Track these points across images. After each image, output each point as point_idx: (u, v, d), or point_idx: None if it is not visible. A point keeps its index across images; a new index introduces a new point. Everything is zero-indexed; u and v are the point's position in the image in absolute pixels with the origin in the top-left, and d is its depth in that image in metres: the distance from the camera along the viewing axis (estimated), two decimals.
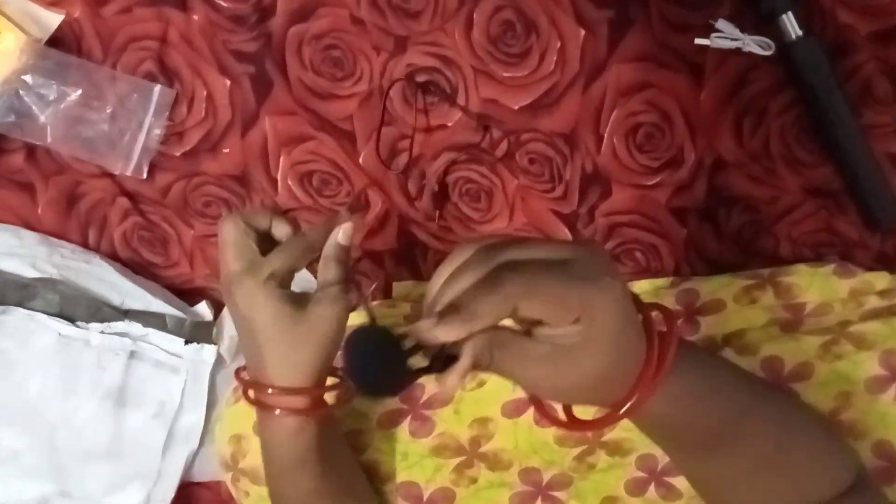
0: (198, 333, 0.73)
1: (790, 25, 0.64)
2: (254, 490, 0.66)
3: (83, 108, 0.69)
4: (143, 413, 0.72)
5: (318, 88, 0.69)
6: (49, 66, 0.68)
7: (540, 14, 0.67)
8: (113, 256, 0.74)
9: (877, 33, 0.66)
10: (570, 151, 0.70)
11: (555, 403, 0.48)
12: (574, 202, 0.71)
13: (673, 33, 0.67)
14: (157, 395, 0.73)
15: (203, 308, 0.74)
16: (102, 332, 0.71)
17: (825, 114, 0.66)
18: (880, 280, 0.67)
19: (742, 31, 0.65)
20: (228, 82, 0.69)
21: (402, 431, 0.66)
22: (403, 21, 0.68)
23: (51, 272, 0.71)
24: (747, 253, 0.71)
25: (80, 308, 0.71)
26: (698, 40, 0.67)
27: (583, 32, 0.67)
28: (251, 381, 0.54)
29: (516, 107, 0.69)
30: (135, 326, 0.72)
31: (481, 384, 0.66)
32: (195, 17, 0.68)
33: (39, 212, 0.73)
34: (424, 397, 0.66)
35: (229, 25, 0.68)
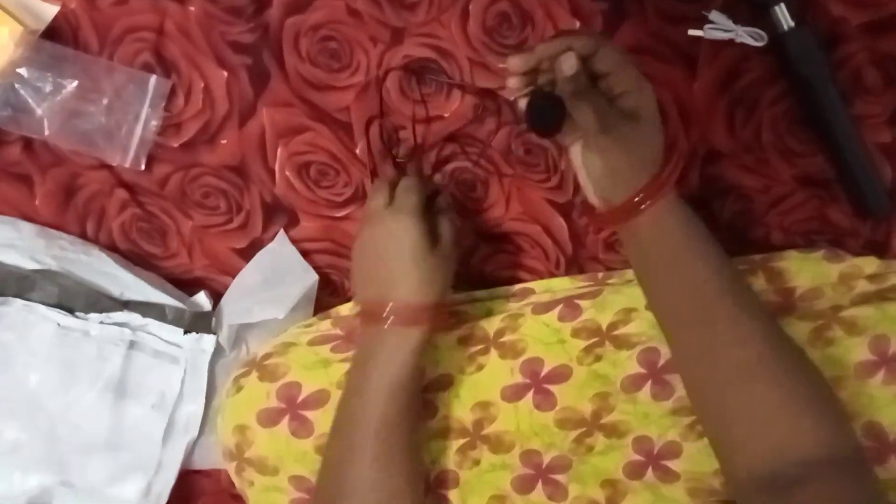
0: (197, 323, 0.73)
1: (783, 16, 0.65)
2: (259, 480, 0.67)
3: (80, 101, 0.69)
4: (143, 403, 0.73)
5: (315, 80, 0.70)
6: (44, 59, 0.67)
7: (535, 6, 0.67)
8: (111, 248, 0.74)
9: (868, 24, 0.67)
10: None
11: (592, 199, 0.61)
12: (569, 192, 0.72)
13: (667, 25, 0.68)
14: (157, 386, 0.73)
15: (202, 298, 0.75)
16: (102, 323, 0.71)
17: (817, 104, 0.67)
18: (869, 265, 0.68)
19: (735, 23, 0.66)
20: (226, 74, 0.70)
21: None
22: (400, 12, 0.68)
23: (50, 264, 0.71)
24: (740, 242, 0.72)
25: (80, 299, 0.71)
26: (692, 31, 0.67)
27: (578, 24, 0.68)
28: (378, 305, 0.60)
29: (512, 98, 0.69)
30: (134, 317, 0.72)
31: (479, 368, 0.67)
32: (192, 9, 0.68)
33: (37, 204, 0.73)
34: (425, 382, 0.67)
35: (226, 17, 0.68)
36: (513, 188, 0.72)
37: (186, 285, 0.75)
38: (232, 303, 0.74)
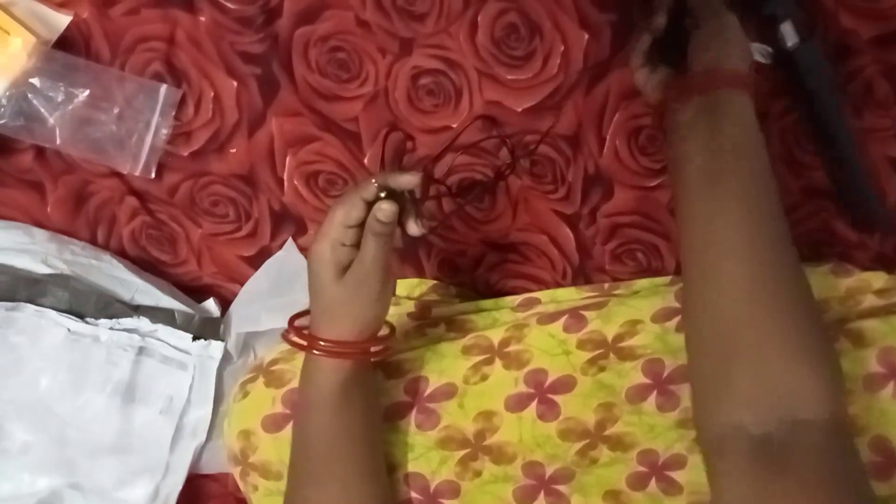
0: (206, 329, 0.74)
1: (790, 31, 0.65)
2: (263, 484, 0.68)
3: (91, 110, 0.69)
4: (152, 408, 0.74)
5: (324, 90, 0.70)
6: (56, 69, 0.68)
7: (544, 17, 0.67)
8: (122, 254, 0.75)
9: (878, 37, 0.66)
10: (573, 153, 0.71)
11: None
12: (577, 203, 0.72)
13: None
14: (165, 391, 0.74)
15: (211, 305, 0.76)
16: (111, 329, 0.72)
17: (823, 119, 0.66)
18: (877, 279, 0.68)
19: None
20: (235, 83, 0.70)
21: (409, 424, 0.67)
22: (408, 23, 0.68)
23: (62, 268, 0.72)
24: None
25: (90, 304, 0.72)
26: None
27: (586, 36, 0.67)
28: (302, 333, 0.60)
29: (520, 109, 0.70)
30: (143, 322, 0.73)
31: (484, 378, 0.67)
32: (202, 19, 0.69)
33: (49, 211, 0.74)
34: (429, 390, 0.67)
35: (236, 27, 0.69)
36: (520, 199, 0.72)
37: (195, 292, 0.76)
38: (240, 310, 0.74)
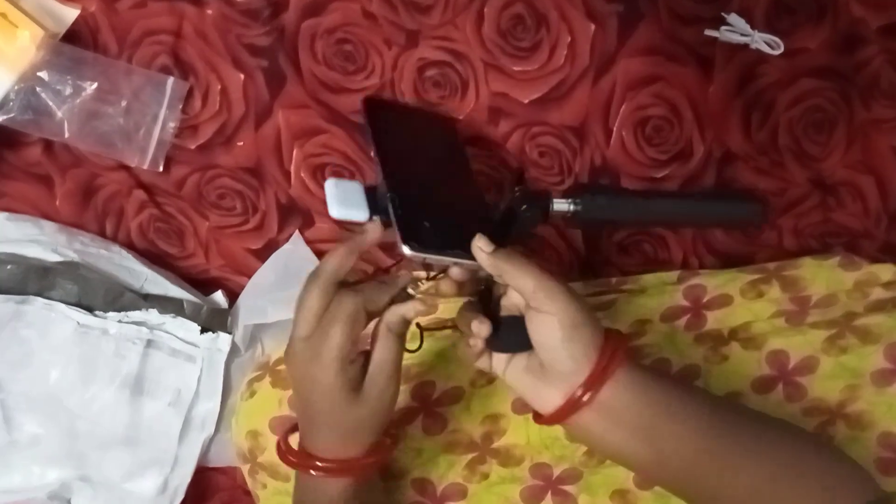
0: (214, 321, 0.74)
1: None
2: (272, 483, 0.68)
3: (99, 103, 0.69)
4: (160, 401, 0.74)
5: (331, 82, 0.70)
6: (64, 62, 0.68)
7: (550, 8, 0.67)
8: (129, 247, 0.75)
9: (887, 27, 0.66)
10: (580, 144, 0.70)
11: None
12: None
13: (682, 26, 0.68)
14: (174, 384, 0.74)
15: (219, 297, 0.76)
16: (120, 322, 0.73)
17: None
18: (885, 272, 0.67)
19: (752, 28, 0.66)
20: (242, 76, 0.70)
21: (416, 428, 0.67)
22: (414, 15, 0.68)
23: (72, 256, 0.72)
24: (755, 244, 0.72)
25: (99, 297, 0.72)
26: (708, 31, 0.67)
27: (592, 26, 0.67)
28: (300, 453, 0.55)
29: (526, 100, 0.69)
30: (152, 315, 0.73)
31: (491, 380, 0.67)
32: (209, 12, 0.69)
33: (57, 204, 0.74)
34: (436, 394, 0.67)
35: (243, 20, 0.69)
36: None
37: (203, 285, 0.76)
38: (247, 302, 0.75)
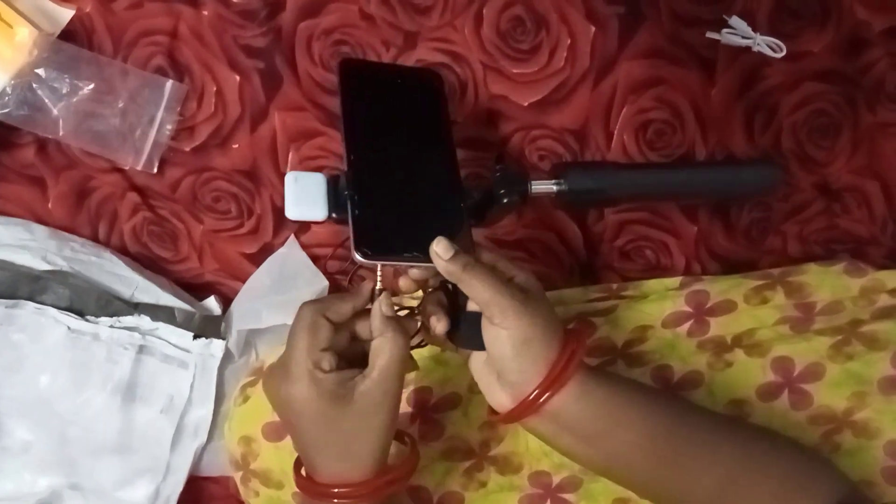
0: (206, 328, 0.73)
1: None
2: (264, 491, 0.67)
3: (95, 103, 0.69)
4: (152, 407, 0.72)
5: (328, 84, 0.69)
6: (62, 60, 0.68)
7: (550, 10, 0.66)
8: (123, 251, 0.74)
9: (891, 29, 0.65)
10: (580, 148, 0.69)
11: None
12: None
13: (684, 29, 0.67)
14: (166, 390, 0.73)
15: (212, 303, 0.75)
16: (112, 327, 0.71)
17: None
18: (891, 278, 0.66)
19: (754, 30, 0.65)
20: (238, 77, 0.69)
21: (412, 435, 0.65)
22: (413, 16, 0.67)
23: (61, 265, 0.71)
24: (758, 250, 0.71)
25: (90, 302, 0.71)
26: (710, 34, 0.66)
27: (593, 29, 0.67)
28: (311, 487, 0.52)
29: (526, 103, 0.69)
30: (144, 320, 0.72)
31: None
32: (205, 13, 0.68)
33: (50, 206, 0.73)
34: (433, 400, 0.66)
35: (239, 20, 0.68)
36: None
37: (196, 289, 0.75)
38: (241, 307, 0.73)
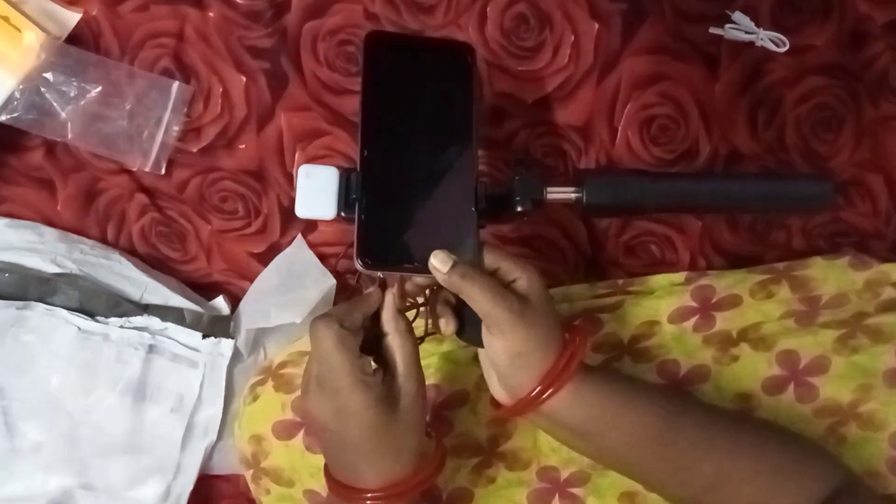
0: (215, 327, 0.73)
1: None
2: (275, 489, 0.67)
3: (103, 106, 0.69)
4: (162, 407, 0.73)
5: (333, 84, 0.70)
6: (69, 63, 0.68)
7: (553, 7, 0.67)
8: (131, 252, 0.75)
9: (893, 22, 0.66)
10: (585, 144, 0.70)
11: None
12: None
13: (687, 24, 0.67)
14: (176, 389, 0.73)
15: (220, 302, 0.75)
16: (122, 327, 0.72)
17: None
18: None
19: (757, 25, 0.65)
20: (244, 78, 0.70)
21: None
22: (417, 16, 0.68)
23: (70, 267, 0.72)
24: (762, 245, 0.71)
25: (100, 303, 0.72)
26: (713, 29, 0.67)
27: (596, 26, 0.67)
28: (353, 495, 0.52)
29: (530, 100, 0.69)
30: (154, 321, 0.72)
31: None
32: (211, 14, 0.69)
33: (59, 208, 0.74)
34: (442, 398, 0.66)
35: (245, 22, 0.69)
36: None
37: (205, 289, 0.76)
38: (250, 307, 0.74)
